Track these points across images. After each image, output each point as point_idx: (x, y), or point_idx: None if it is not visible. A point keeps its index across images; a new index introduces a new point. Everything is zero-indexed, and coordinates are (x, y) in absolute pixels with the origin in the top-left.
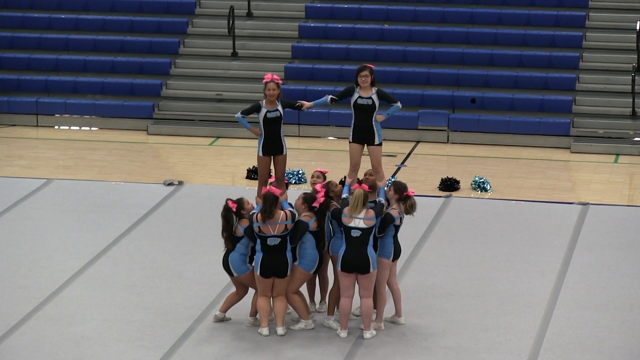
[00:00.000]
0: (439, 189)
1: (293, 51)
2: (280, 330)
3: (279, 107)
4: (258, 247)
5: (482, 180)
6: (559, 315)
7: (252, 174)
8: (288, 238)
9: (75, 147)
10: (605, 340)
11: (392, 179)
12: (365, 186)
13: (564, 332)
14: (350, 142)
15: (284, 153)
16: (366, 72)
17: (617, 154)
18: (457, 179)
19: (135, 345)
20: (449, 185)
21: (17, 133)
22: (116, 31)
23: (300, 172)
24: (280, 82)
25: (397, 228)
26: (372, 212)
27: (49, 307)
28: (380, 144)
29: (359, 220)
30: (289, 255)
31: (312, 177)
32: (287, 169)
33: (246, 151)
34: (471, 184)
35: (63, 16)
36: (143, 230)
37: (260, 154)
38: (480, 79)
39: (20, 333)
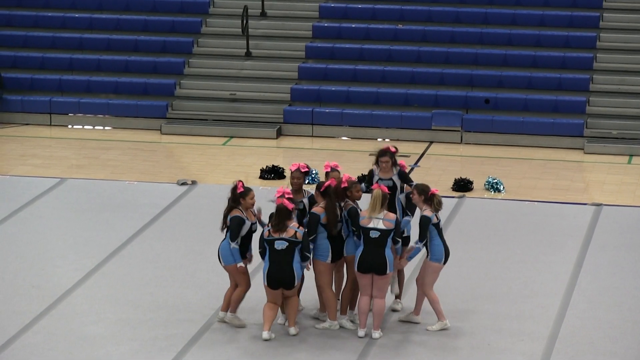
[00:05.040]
0: (453, 190)
1: (307, 51)
2: (292, 330)
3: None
4: (266, 256)
5: (496, 180)
6: (572, 316)
7: (265, 173)
8: (297, 249)
9: (89, 146)
10: (618, 341)
11: None
12: (384, 187)
13: (577, 333)
14: None
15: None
16: (386, 158)
17: (631, 155)
18: (471, 180)
19: (148, 345)
20: (463, 185)
21: (30, 132)
22: (130, 31)
23: (314, 172)
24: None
25: (438, 228)
26: (392, 215)
27: (62, 305)
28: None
29: (379, 221)
30: (296, 266)
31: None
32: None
33: (259, 151)
34: (484, 185)
35: (77, 15)
36: (156, 229)
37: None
38: (494, 80)
39: (33, 331)
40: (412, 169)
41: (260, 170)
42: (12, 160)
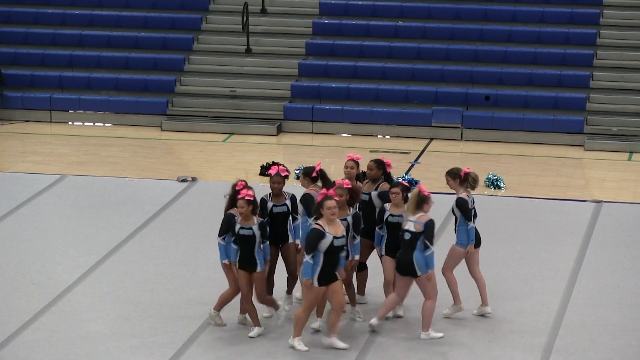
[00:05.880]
0: None
1: (307, 48)
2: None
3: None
4: (317, 258)
5: (496, 177)
6: (572, 313)
7: (265, 170)
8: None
9: (89, 143)
10: (619, 338)
11: (405, 177)
12: (422, 186)
13: (577, 330)
14: (381, 255)
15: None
16: (397, 189)
17: (631, 152)
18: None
19: (148, 342)
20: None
21: (30, 129)
22: (130, 27)
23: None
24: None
25: (469, 214)
26: (425, 217)
27: (63, 302)
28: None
29: (411, 224)
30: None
31: (346, 167)
32: (301, 165)
33: (260, 148)
34: (485, 182)
35: (77, 12)
36: (156, 226)
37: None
38: (494, 77)
39: (34, 328)
40: (412, 166)
41: (261, 167)
42: (13, 157)
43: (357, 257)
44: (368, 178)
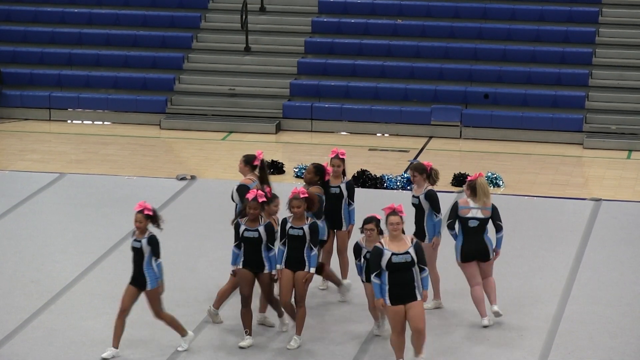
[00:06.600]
0: (452, 185)
1: (306, 46)
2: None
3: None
4: (384, 278)
5: (495, 175)
6: (571, 311)
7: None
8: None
9: (88, 141)
10: (617, 336)
11: (404, 175)
12: (481, 173)
13: (576, 328)
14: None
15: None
16: (372, 225)
17: (630, 150)
18: (470, 175)
19: (147, 340)
20: (462, 180)
21: (29, 127)
22: (129, 26)
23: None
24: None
25: (439, 205)
26: (489, 202)
27: (62, 301)
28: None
29: (477, 210)
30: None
31: (333, 166)
32: (299, 163)
33: (259, 146)
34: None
35: (76, 10)
36: None
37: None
38: (493, 75)
39: (32, 327)
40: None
41: None
42: (12, 155)
43: (312, 270)
44: (305, 181)
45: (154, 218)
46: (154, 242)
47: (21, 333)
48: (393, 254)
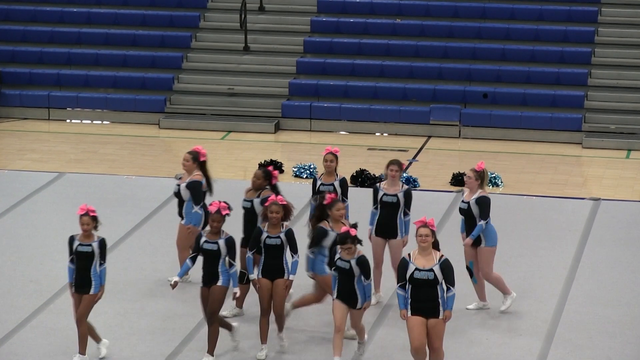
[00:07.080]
0: (451, 184)
1: (305, 45)
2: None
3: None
4: (407, 290)
5: (494, 175)
6: (570, 310)
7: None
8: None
9: (87, 140)
10: (616, 336)
11: (403, 174)
12: (482, 164)
13: (575, 328)
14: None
15: None
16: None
17: (629, 150)
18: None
19: (146, 339)
20: (461, 180)
21: (28, 127)
22: (128, 25)
23: (312, 166)
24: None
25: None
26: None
27: (61, 300)
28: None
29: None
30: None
31: (325, 160)
32: (298, 163)
33: (258, 145)
34: None
35: (75, 10)
36: (154, 224)
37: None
38: (492, 74)
39: (31, 326)
40: (410, 164)
41: (259, 164)
42: (11, 154)
43: (291, 277)
44: (253, 187)
45: (97, 219)
46: (104, 245)
47: (20, 332)
48: (417, 269)
